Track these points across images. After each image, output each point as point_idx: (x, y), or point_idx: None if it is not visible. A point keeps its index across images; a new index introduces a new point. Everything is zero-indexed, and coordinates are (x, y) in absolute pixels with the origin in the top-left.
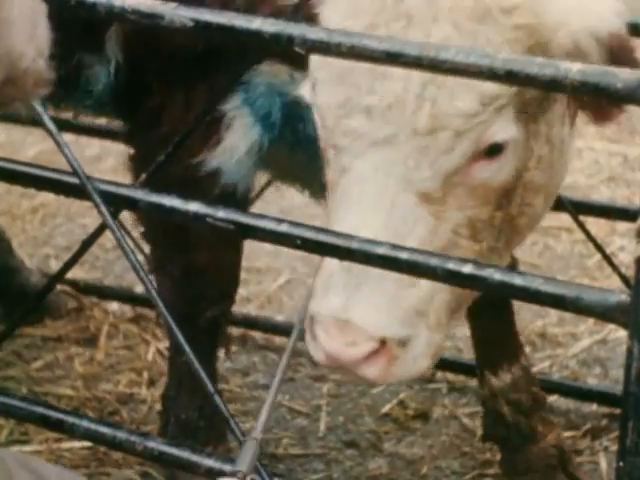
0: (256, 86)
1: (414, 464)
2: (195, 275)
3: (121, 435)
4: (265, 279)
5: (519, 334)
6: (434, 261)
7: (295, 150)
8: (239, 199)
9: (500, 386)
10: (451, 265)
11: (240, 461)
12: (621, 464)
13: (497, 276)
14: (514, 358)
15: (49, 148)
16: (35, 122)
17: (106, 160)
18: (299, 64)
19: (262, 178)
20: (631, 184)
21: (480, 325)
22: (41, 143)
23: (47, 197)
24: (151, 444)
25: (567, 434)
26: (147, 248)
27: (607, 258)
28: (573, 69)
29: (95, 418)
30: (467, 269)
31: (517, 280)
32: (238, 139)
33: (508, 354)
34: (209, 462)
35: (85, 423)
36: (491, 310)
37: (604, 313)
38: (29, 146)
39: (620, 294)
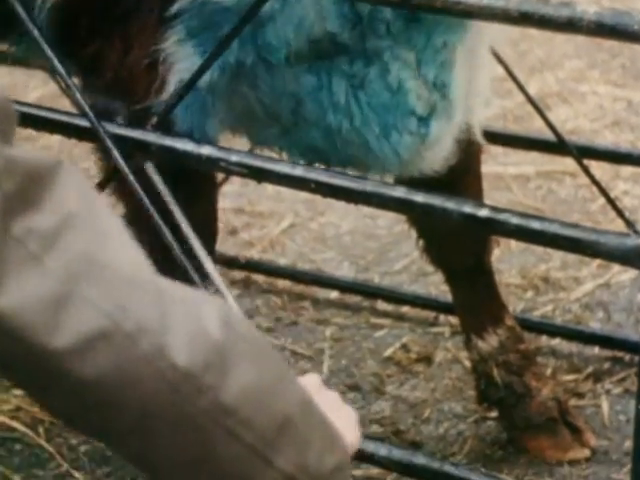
0: (199, 11)
1: (417, 407)
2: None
3: None
4: (268, 223)
5: (501, 296)
6: (450, 205)
7: (256, 75)
8: None
9: (488, 349)
10: (467, 209)
11: None
12: None
13: (514, 220)
14: (499, 320)
15: (51, 92)
16: (38, 65)
17: None
18: None
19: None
20: (635, 128)
21: (462, 292)
22: (42, 87)
23: (49, 140)
24: None
25: (569, 377)
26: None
27: (611, 202)
28: (590, 11)
29: None
30: (483, 213)
31: (534, 224)
32: (185, 79)
33: (493, 317)
34: None
35: None
36: (472, 276)
37: (622, 257)
38: (31, 89)
39: (638, 238)
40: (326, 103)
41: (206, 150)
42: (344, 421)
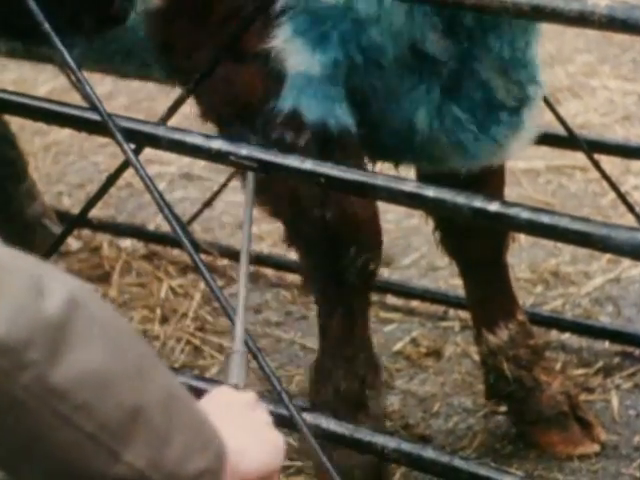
0: (302, 10)
1: (426, 401)
2: (332, 235)
3: None
4: None
5: (513, 290)
6: (460, 199)
7: (368, 73)
8: (342, 139)
9: (498, 344)
10: (477, 203)
11: (231, 375)
12: None
13: (524, 215)
14: (510, 315)
15: (61, 86)
16: (48, 59)
17: (118, 98)
18: None
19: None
20: None
21: (476, 285)
22: (53, 81)
23: (59, 135)
24: None
25: (579, 372)
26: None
27: (621, 197)
28: (601, 4)
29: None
30: (494, 207)
31: (544, 218)
32: (302, 68)
33: (504, 311)
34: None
35: None
36: (488, 269)
37: (632, 252)
38: (41, 84)
39: None
40: (420, 101)
41: (216, 144)
42: (264, 443)
